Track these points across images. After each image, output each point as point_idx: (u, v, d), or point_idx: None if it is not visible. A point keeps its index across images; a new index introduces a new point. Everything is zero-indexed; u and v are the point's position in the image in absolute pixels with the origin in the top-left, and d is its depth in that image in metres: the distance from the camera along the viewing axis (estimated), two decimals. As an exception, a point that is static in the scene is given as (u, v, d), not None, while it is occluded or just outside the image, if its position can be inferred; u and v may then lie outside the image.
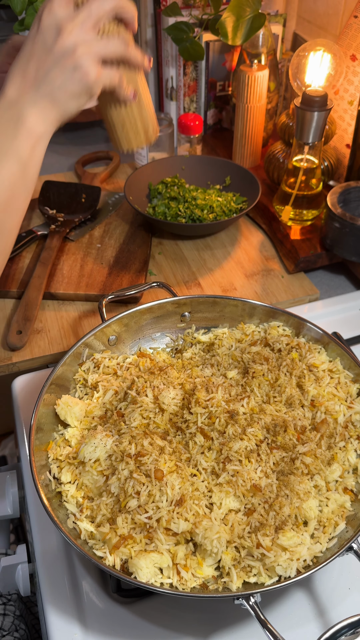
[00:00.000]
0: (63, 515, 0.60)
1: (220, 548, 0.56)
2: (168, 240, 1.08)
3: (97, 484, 0.62)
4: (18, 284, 0.95)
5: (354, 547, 0.56)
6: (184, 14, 1.18)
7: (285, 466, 0.63)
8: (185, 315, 0.81)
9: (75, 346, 0.72)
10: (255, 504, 0.60)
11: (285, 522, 0.58)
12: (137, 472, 0.60)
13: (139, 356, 0.76)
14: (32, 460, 0.61)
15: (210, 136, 1.34)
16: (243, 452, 0.63)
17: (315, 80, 0.97)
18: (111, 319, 0.76)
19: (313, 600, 0.62)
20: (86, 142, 1.43)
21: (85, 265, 1.00)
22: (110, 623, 0.60)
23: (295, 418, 0.67)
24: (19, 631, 0.81)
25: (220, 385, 0.69)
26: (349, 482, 0.64)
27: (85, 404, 0.70)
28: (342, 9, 1.08)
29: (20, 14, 1.11)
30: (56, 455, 0.65)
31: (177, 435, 0.67)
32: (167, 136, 1.19)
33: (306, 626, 0.60)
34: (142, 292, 0.83)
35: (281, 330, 0.79)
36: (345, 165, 1.08)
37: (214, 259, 1.04)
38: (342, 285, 1.01)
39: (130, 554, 0.56)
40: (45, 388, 0.67)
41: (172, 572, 0.56)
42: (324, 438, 0.66)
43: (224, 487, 0.60)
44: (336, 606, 0.61)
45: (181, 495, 0.59)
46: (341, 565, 0.64)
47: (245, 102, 1.11)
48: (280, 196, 1.03)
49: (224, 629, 0.60)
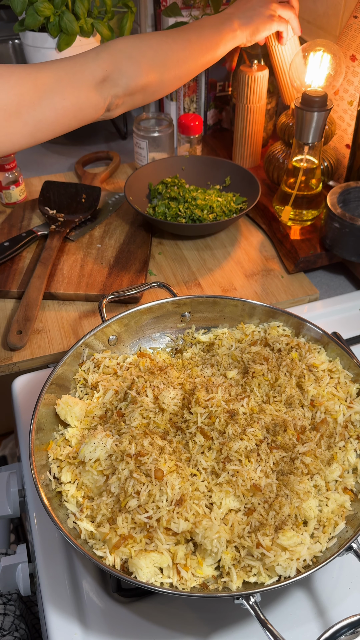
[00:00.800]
0: (63, 515, 0.60)
1: (220, 548, 0.56)
2: (168, 240, 1.08)
3: (97, 484, 0.62)
4: (18, 284, 0.95)
5: (353, 547, 0.56)
6: (184, 15, 1.18)
7: (285, 466, 0.63)
8: (185, 315, 0.81)
9: (76, 346, 0.72)
10: (255, 503, 0.60)
11: (285, 521, 0.58)
12: (137, 471, 0.60)
13: (139, 356, 0.77)
14: (33, 460, 0.61)
15: (210, 136, 1.34)
16: (243, 452, 0.63)
17: (315, 81, 0.97)
18: (111, 319, 0.76)
19: (313, 600, 0.62)
20: (86, 143, 1.43)
21: (86, 265, 1.00)
22: (110, 623, 0.60)
23: (295, 418, 0.67)
24: (19, 631, 0.81)
25: (220, 385, 0.69)
26: (349, 482, 0.64)
27: (86, 404, 0.70)
28: (342, 9, 1.08)
29: (20, 15, 1.11)
30: (56, 455, 0.65)
31: (177, 435, 0.67)
32: (167, 136, 1.19)
33: (306, 626, 0.60)
34: (142, 292, 0.83)
35: (281, 331, 0.79)
36: (344, 165, 1.08)
37: (214, 259, 1.04)
38: (341, 285, 1.02)
39: (130, 554, 0.56)
40: (45, 388, 0.67)
41: (172, 571, 0.56)
42: (324, 438, 0.66)
43: (224, 486, 0.60)
44: (336, 606, 0.61)
45: (181, 495, 0.59)
46: (341, 565, 0.64)
47: (245, 102, 1.11)
48: (280, 196, 1.03)
49: (224, 629, 0.60)
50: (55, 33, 1.13)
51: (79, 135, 1.46)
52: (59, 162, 1.35)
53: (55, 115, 0.77)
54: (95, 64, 0.80)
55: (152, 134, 1.17)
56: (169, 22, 1.17)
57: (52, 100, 0.76)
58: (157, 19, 1.24)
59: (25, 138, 0.76)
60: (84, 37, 1.16)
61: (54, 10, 1.10)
